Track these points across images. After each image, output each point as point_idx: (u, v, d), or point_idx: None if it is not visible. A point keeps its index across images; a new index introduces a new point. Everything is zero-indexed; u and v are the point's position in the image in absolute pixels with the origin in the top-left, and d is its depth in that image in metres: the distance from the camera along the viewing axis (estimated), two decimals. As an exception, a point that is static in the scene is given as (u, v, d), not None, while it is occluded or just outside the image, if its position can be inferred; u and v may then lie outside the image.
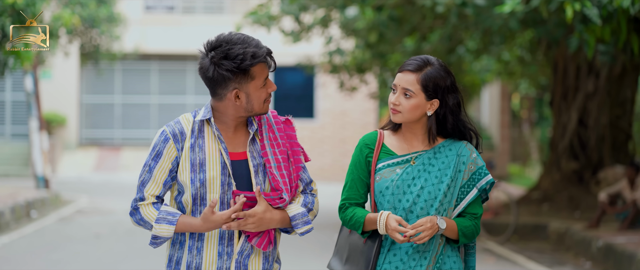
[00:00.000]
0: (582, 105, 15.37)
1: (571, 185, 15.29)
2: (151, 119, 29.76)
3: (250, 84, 3.67)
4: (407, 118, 3.81)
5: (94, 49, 22.57)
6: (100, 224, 14.35)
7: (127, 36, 25.19)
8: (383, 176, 3.84)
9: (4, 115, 27.77)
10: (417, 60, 3.83)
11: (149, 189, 3.73)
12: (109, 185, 23.07)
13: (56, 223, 14.66)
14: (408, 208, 3.79)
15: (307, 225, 3.79)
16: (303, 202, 3.81)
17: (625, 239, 11.20)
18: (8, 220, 14.04)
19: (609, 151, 15.35)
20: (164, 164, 3.72)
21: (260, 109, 3.73)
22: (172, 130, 3.73)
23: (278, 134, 3.81)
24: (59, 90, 27.86)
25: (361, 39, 15.67)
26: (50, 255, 10.97)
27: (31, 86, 19.15)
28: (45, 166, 19.05)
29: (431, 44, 13.81)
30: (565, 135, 15.62)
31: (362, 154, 3.90)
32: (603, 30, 10.02)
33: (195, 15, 29.35)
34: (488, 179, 3.84)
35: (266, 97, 3.73)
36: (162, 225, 3.70)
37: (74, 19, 17.58)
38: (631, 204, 12.46)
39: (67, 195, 18.89)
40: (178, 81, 29.64)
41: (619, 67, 14.62)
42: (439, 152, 3.84)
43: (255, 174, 3.73)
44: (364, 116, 28.18)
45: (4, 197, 15.78)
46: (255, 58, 3.62)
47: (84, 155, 28.44)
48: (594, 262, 11.04)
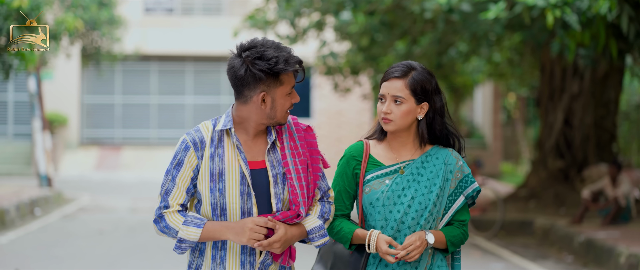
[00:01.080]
0: (567, 105, 15.62)
1: (557, 183, 15.58)
2: (151, 118, 29.70)
3: (278, 90, 3.64)
4: (400, 125, 3.79)
5: (95, 50, 22.63)
6: (102, 221, 14.58)
7: (128, 38, 25.20)
8: (372, 188, 3.80)
9: (6, 115, 27.72)
10: (401, 66, 3.82)
11: (173, 198, 3.69)
12: (110, 183, 23.14)
13: (60, 220, 14.88)
14: (399, 219, 3.76)
15: (323, 238, 3.75)
16: (320, 212, 3.76)
17: (606, 234, 11.63)
18: (13, 217, 14.31)
19: (594, 150, 15.63)
20: (186, 172, 3.68)
21: (282, 118, 3.68)
22: (192, 138, 3.69)
23: (299, 142, 3.75)
24: (60, 90, 27.79)
25: (354, 42, 15.91)
26: (55, 251, 11.21)
27: (34, 87, 19.29)
28: (48, 165, 19.20)
29: (422, 47, 14.12)
30: (551, 134, 15.90)
31: (349, 166, 3.86)
32: (583, 35, 10.47)
33: (193, 17, 29.34)
34: (474, 186, 3.85)
35: (289, 107, 3.69)
36: (190, 228, 3.65)
37: (77, 23, 17.78)
38: (613, 201, 12.90)
39: (69, 194, 19.04)
40: (177, 82, 29.57)
41: (603, 69, 14.89)
42: (427, 160, 3.83)
43: (274, 183, 3.68)
44: (359, 116, 28.27)
45: (9, 195, 16.03)
46: (288, 64, 3.59)
47: (85, 154, 28.35)
48: (576, 256, 11.46)
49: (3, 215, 13.88)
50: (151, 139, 29.47)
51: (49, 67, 22.12)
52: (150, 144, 29.27)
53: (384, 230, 3.77)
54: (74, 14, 18.71)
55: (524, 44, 15.98)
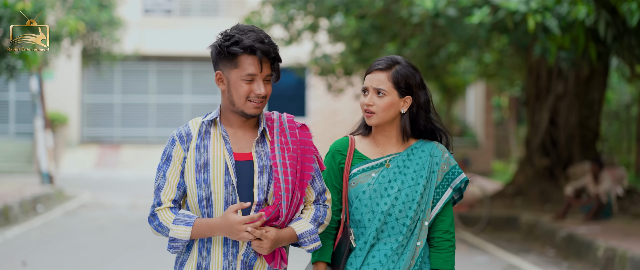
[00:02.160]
0: (553, 106, 15.95)
1: (543, 180, 15.94)
2: (149, 117, 29.84)
3: (233, 72, 3.56)
4: (382, 118, 3.74)
5: (96, 51, 22.80)
6: (103, 217, 14.85)
7: (127, 38, 25.30)
8: (359, 181, 3.76)
9: (7, 114, 27.83)
10: (385, 59, 3.78)
11: (165, 194, 3.63)
12: (110, 181, 23.28)
13: (62, 216, 15.15)
14: (386, 211, 3.71)
15: (314, 243, 3.65)
16: (313, 216, 3.66)
17: (587, 229, 12.07)
18: (17, 213, 14.62)
19: (578, 149, 15.96)
20: (175, 166, 3.63)
21: (240, 105, 3.58)
22: (178, 132, 3.67)
23: (290, 138, 3.65)
24: (61, 90, 27.91)
25: (347, 44, 16.20)
26: (59, 245, 11.56)
27: (36, 87, 19.42)
28: (49, 163, 19.35)
29: (411, 49, 14.51)
30: (537, 133, 16.23)
31: (335, 160, 3.81)
32: (563, 39, 10.89)
33: (191, 18, 29.48)
34: (462, 177, 3.80)
35: (248, 95, 3.57)
36: (179, 226, 3.58)
37: (79, 25, 18.07)
38: (595, 198, 13.34)
39: (70, 191, 19.23)
40: (175, 81, 29.72)
41: (587, 71, 15.21)
42: (413, 153, 3.78)
43: (259, 175, 3.59)
44: (354, 115, 28.30)
45: (12, 192, 16.34)
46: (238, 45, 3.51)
47: (85, 152, 28.50)
48: (558, 250, 11.90)
49: (7, 212, 14.19)
50: (150, 137, 29.59)
51: (49, 67, 22.31)
52: (149, 143, 29.39)
53: (371, 223, 3.74)
54: (76, 16, 18.93)
55: (510, 47, 16.35)
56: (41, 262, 10.17)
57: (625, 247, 10.18)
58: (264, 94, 3.56)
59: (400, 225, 3.73)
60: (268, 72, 3.58)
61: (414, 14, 11.50)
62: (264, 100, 3.60)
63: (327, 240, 3.78)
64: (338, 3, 13.58)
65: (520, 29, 11.93)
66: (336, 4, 13.60)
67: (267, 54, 3.53)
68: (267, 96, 3.60)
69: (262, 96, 3.57)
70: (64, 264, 10.14)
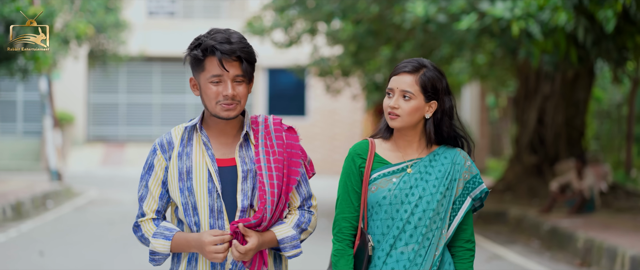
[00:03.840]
0: (540, 105, 16.50)
1: (531, 176, 16.49)
2: (153, 117, 30.08)
3: (201, 75, 3.46)
4: (406, 122, 3.59)
5: (102, 53, 23.13)
6: (111, 213, 15.30)
7: (132, 40, 25.49)
8: (379, 186, 3.61)
9: (15, 113, 28.06)
10: (412, 62, 3.63)
11: (147, 204, 3.55)
12: (115, 178, 23.65)
13: (72, 212, 15.60)
14: (406, 218, 3.58)
15: (295, 249, 3.52)
16: (297, 221, 3.54)
17: (570, 222, 12.72)
18: (28, 208, 15.08)
19: (565, 146, 16.51)
20: (157, 176, 3.54)
21: (213, 109, 3.48)
22: (160, 141, 3.57)
23: (276, 141, 3.52)
24: (67, 90, 28.13)
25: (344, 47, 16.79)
26: (72, 238, 12.15)
27: (46, 87, 19.76)
28: (58, 161, 19.71)
29: (405, 52, 15.07)
30: (526, 132, 16.80)
31: (355, 163, 3.64)
32: (546, 44, 11.49)
33: (194, 20, 29.53)
34: (482, 188, 3.67)
35: (218, 98, 3.45)
36: (159, 240, 3.50)
37: (88, 29, 18.51)
38: (578, 193, 14.01)
39: (78, 188, 19.66)
40: (178, 82, 29.87)
41: (570, 73, 15.78)
42: (435, 159, 3.64)
43: (242, 180, 3.48)
44: (352, 114, 28.71)
45: (23, 189, 16.83)
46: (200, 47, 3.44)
47: (91, 150, 28.78)
48: (542, 241, 12.56)
49: (19, 207, 14.68)
50: (154, 136, 29.74)
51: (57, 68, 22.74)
52: (152, 141, 29.09)
53: (389, 230, 3.60)
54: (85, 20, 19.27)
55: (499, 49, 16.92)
56: (57, 253, 10.71)
57: (602, 238, 10.87)
58: (231, 95, 3.42)
59: (419, 234, 3.59)
60: (237, 72, 3.44)
61: (406, 20, 12.13)
62: (234, 101, 3.46)
63: (348, 249, 3.62)
64: (335, 9, 14.25)
65: (506, 34, 12.43)
66: (333, 10, 14.25)
67: (229, 53, 3.40)
68: (238, 97, 3.45)
69: (230, 97, 3.43)
70: (79, 254, 10.69)
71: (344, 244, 3.62)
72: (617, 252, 10.12)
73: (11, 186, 17.71)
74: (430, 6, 11.87)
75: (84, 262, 10.17)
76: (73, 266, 9.86)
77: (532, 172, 16.63)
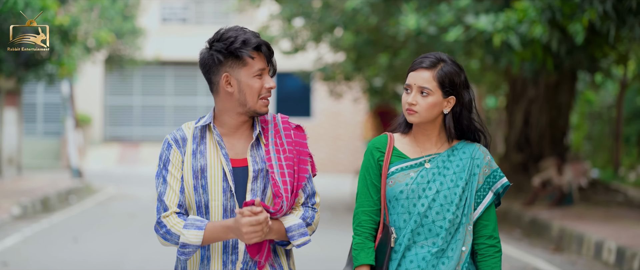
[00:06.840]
0: (526, 108, 17.49)
1: (518, 173, 17.45)
2: (166, 117, 30.53)
3: (242, 70, 3.39)
4: (424, 117, 3.53)
5: (119, 58, 23.93)
6: (132, 207, 16.18)
7: (147, 45, 26.07)
8: (397, 180, 3.55)
9: (36, 115, 28.46)
10: (430, 57, 3.54)
11: (169, 198, 3.42)
12: (131, 176, 24.29)
13: (94, 206, 16.52)
14: (423, 213, 3.52)
15: (304, 237, 3.44)
16: (302, 215, 3.47)
17: (549, 214, 13.96)
18: (54, 203, 16.05)
19: (549, 146, 17.47)
20: (174, 170, 3.45)
21: (254, 105, 3.43)
22: (173, 136, 3.49)
23: (286, 139, 3.48)
24: (85, 93, 28.66)
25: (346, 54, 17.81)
26: (101, 226, 13.29)
27: (67, 90, 20.62)
28: (79, 159, 20.54)
29: (402, 59, 16.20)
30: (514, 132, 17.80)
31: (374, 157, 3.59)
32: (524, 53, 12.59)
33: (205, 26, 29.85)
34: (503, 181, 3.60)
35: (261, 92, 3.42)
36: (191, 230, 3.35)
37: (110, 37, 19.35)
38: (558, 188, 15.20)
39: (97, 185, 20.40)
40: (190, 85, 30.33)
41: (546, 78, 16.75)
42: (453, 154, 3.58)
43: (253, 179, 3.42)
44: (355, 115, 29.26)
45: (48, 186, 17.84)
46: (246, 44, 3.36)
47: (107, 150, 29.41)
48: (523, 231, 13.79)
49: (46, 202, 15.66)
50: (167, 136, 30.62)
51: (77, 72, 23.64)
52: None
53: (406, 224, 3.55)
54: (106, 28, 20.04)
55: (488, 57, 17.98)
56: (89, 239, 11.89)
57: (573, 227, 12.16)
58: (274, 86, 3.44)
59: (438, 228, 3.53)
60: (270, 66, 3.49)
61: (400, 32, 13.30)
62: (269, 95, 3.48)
63: (368, 242, 3.58)
64: (337, 21, 15.42)
65: (489, 45, 13.42)
66: (336, 21, 15.42)
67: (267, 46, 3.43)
68: None
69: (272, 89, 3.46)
70: (108, 241, 11.83)
71: (363, 236, 3.58)
72: (584, 238, 11.43)
73: (36, 183, 18.63)
74: (421, 19, 13.02)
75: (115, 246, 11.28)
76: (105, 250, 10.98)
77: (518, 169, 17.54)
